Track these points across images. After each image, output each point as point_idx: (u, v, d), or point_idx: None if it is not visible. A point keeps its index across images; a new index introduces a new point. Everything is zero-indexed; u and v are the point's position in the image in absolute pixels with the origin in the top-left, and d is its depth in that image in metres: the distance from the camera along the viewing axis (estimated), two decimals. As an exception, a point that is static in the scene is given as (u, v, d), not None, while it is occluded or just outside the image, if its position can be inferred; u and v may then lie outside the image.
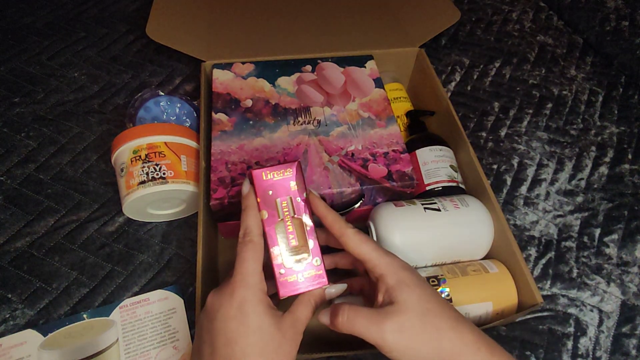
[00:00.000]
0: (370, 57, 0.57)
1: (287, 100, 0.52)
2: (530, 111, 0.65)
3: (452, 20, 0.62)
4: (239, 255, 0.31)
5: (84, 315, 0.44)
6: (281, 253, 0.33)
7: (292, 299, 0.33)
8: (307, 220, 0.34)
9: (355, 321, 0.30)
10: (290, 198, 0.34)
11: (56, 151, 0.57)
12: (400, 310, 0.30)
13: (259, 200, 0.33)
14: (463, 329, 0.30)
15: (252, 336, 0.28)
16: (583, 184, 0.57)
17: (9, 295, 0.45)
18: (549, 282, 0.48)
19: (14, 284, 0.46)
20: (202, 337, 0.30)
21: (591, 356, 0.44)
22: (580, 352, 0.44)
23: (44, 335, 0.43)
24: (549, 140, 0.62)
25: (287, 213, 0.34)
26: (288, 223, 0.33)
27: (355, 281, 0.38)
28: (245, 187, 0.34)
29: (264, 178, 0.34)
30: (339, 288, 0.35)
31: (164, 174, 0.45)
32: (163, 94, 0.57)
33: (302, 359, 0.37)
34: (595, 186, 0.57)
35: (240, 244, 0.32)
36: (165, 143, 0.47)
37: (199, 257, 0.40)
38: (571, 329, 0.45)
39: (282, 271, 0.33)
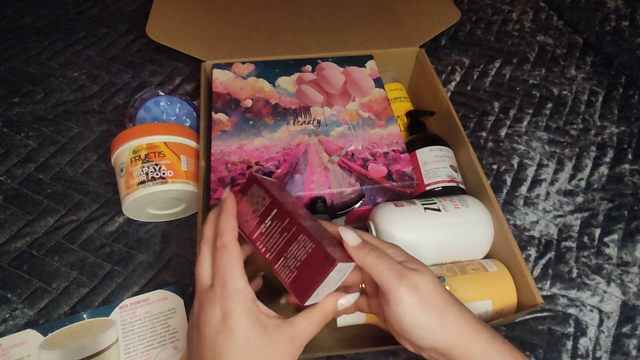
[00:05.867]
0: (370, 57, 0.57)
1: (287, 100, 0.52)
2: (530, 111, 0.65)
3: (452, 20, 0.62)
4: (215, 265, 0.29)
5: (84, 315, 0.44)
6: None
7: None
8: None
9: (378, 262, 0.30)
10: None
11: (56, 151, 0.57)
12: (417, 273, 0.30)
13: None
14: (467, 312, 0.30)
15: (239, 349, 0.27)
16: (583, 184, 0.57)
17: (9, 295, 0.45)
18: (548, 282, 0.48)
19: (14, 284, 0.46)
20: (192, 349, 0.29)
21: (591, 356, 0.44)
22: (580, 352, 0.44)
23: (44, 335, 0.42)
24: (549, 140, 0.62)
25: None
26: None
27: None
28: (225, 192, 0.33)
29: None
30: (350, 298, 0.32)
31: (163, 174, 0.45)
32: (163, 94, 0.57)
33: (302, 359, 0.37)
34: (595, 186, 0.57)
35: (214, 250, 0.30)
36: (164, 143, 0.47)
37: (199, 257, 0.40)
38: (571, 329, 0.45)
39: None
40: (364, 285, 0.35)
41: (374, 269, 0.30)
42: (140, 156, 0.46)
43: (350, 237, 0.31)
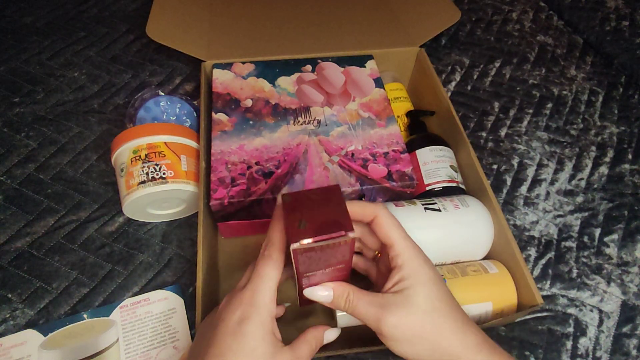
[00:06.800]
0: (370, 57, 0.57)
1: (287, 100, 0.52)
2: (530, 111, 0.65)
3: (452, 20, 0.62)
4: (256, 269, 0.30)
5: (84, 315, 0.44)
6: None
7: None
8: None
9: (358, 305, 0.30)
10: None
11: (56, 151, 0.57)
12: (404, 303, 0.29)
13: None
14: (467, 331, 0.30)
15: (244, 357, 0.27)
16: (583, 184, 0.57)
17: (9, 295, 0.45)
18: (548, 282, 0.48)
19: (14, 284, 0.46)
20: (202, 339, 0.30)
21: (591, 356, 0.44)
22: (579, 352, 0.44)
23: (44, 335, 0.43)
24: (549, 140, 0.62)
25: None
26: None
27: (361, 261, 0.38)
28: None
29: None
30: (335, 333, 0.35)
31: (163, 174, 0.45)
32: (163, 93, 0.57)
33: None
34: (595, 186, 0.57)
35: (260, 256, 0.31)
36: (165, 143, 0.47)
37: (199, 257, 0.40)
38: (571, 329, 0.45)
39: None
40: (379, 254, 0.36)
41: (357, 314, 0.31)
42: (140, 156, 0.46)
43: (322, 298, 0.32)
